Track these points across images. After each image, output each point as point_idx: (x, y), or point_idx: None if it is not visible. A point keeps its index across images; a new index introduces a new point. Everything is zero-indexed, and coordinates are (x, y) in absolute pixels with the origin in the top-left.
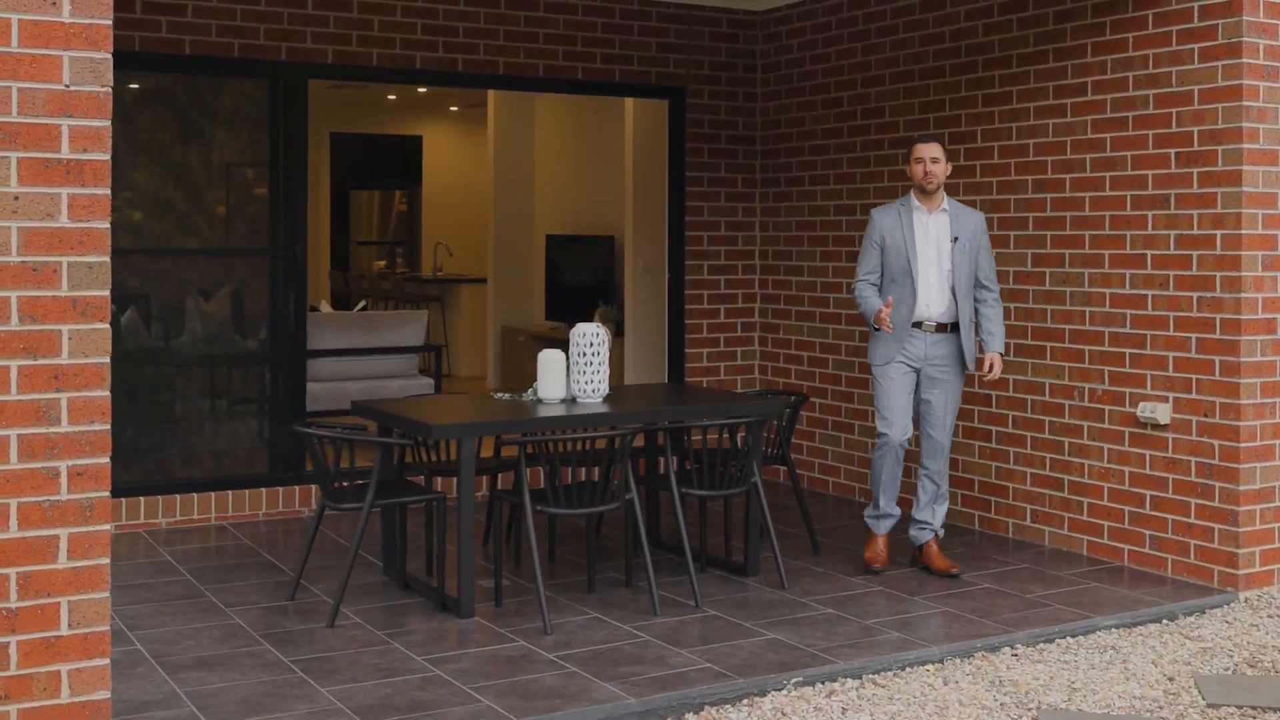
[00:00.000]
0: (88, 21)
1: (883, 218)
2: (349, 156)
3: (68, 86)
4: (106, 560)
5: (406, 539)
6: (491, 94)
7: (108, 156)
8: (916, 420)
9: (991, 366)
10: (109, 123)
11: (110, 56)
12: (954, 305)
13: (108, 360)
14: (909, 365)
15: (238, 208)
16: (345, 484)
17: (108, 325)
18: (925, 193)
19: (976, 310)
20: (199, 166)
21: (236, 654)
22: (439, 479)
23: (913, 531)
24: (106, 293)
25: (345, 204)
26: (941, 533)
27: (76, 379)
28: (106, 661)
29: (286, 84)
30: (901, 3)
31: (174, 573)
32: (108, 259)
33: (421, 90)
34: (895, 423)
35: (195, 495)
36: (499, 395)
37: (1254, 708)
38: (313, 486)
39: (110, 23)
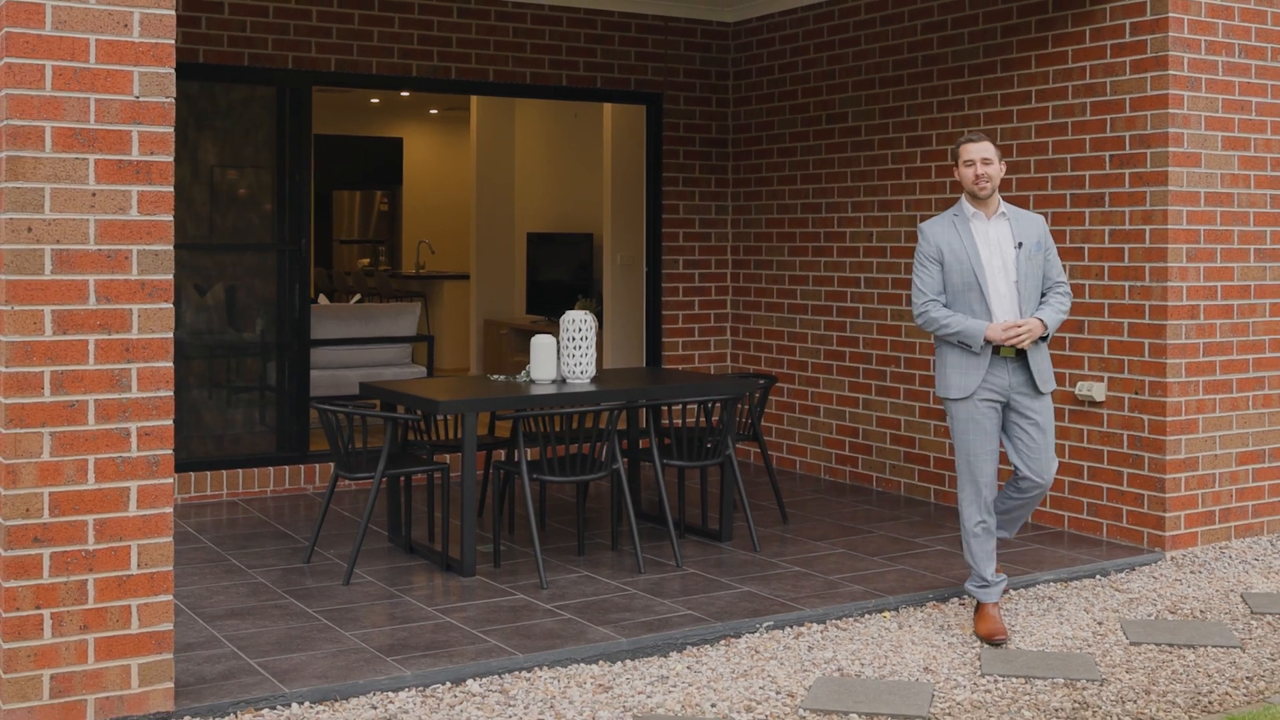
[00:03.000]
0: (154, 41)
1: (936, 230)
2: (332, 158)
3: (137, 98)
4: (170, 509)
5: (411, 509)
6: (475, 98)
7: (171, 158)
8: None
9: (1023, 326)
10: (172, 129)
11: (173, 71)
12: (1024, 316)
13: (171, 335)
14: (995, 400)
15: (246, 205)
16: (357, 455)
17: (171, 305)
18: (979, 198)
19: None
20: (210, 167)
21: (264, 606)
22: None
23: (973, 588)
24: (170, 277)
25: (328, 204)
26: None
27: (144, 351)
28: (170, 598)
29: (292, 90)
30: (863, 16)
31: (195, 541)
32: (171, 247)
33: (404, 94)
34: (989, 496)
35: (209, 473)
36: (495, 378)
37: (1170, 645)
38: (316, 465)
39: (173, 42)
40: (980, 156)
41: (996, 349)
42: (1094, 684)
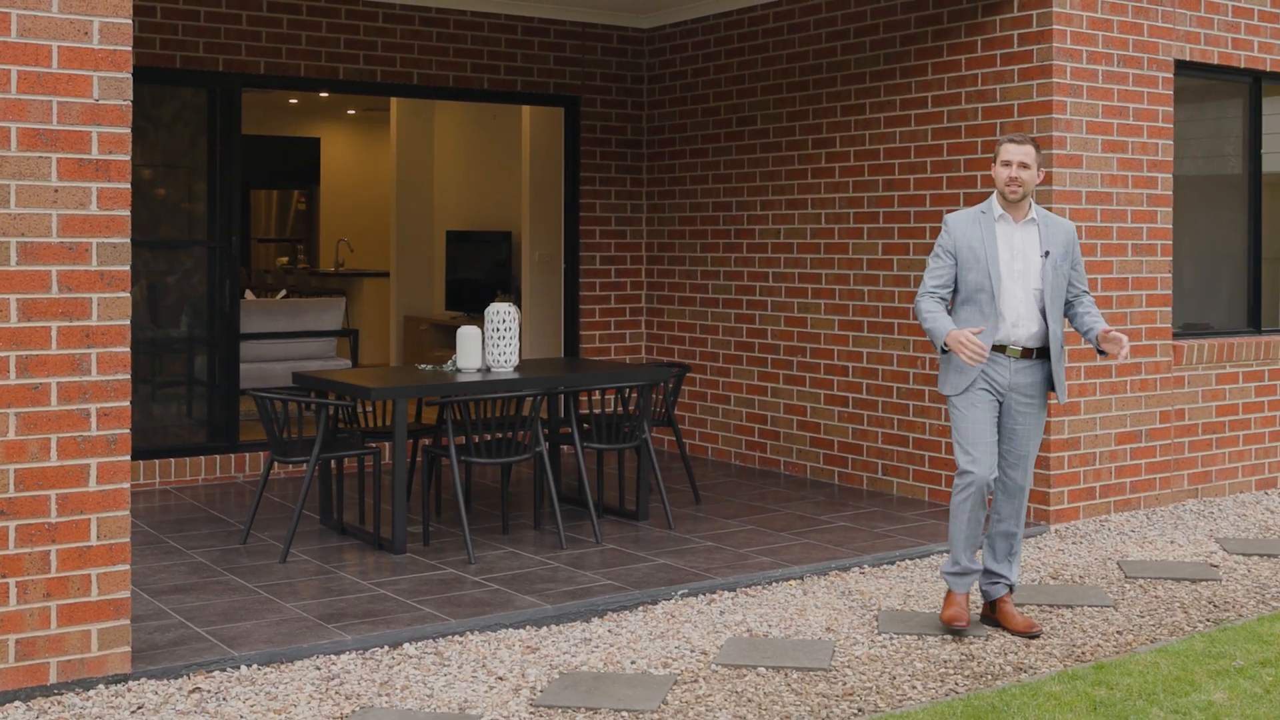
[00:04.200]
0: (113, 48)
1: (960, 225)
2: (249, 157)
3: (97, 100)
4: (127, 485)
5: (342, 494)
6: (394, 100)
7: (128, 157)
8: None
9: (1119, 343)
10: (129, 130)
11: (130, 76)
12: (1044, 328)
13: (128, 323)
14: (992, 392)
15: (177, 203)
16: (292, 442)
17: (128, 295)
18: (1009, 200)
19: (1070, 315)
20: (143, 166)
21: (206, 582)
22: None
23: (984, 585)
24: (128, 268)
25: (246, 203)
26: (1016, 585)
27: (104, 337)
28: (127, 567)
29: (223, 93)
30: (771, 24)
31: (132, 525)
32: (128, 240)
33: (323, 95)
34: (981, 458)
35: (141, 463)
36: (422, 367)
37: (1051, 605)
38: (246, 455)
39: (130, 49)
40: (1019, 159)
41: (1003, 349)
42: (980, 639)
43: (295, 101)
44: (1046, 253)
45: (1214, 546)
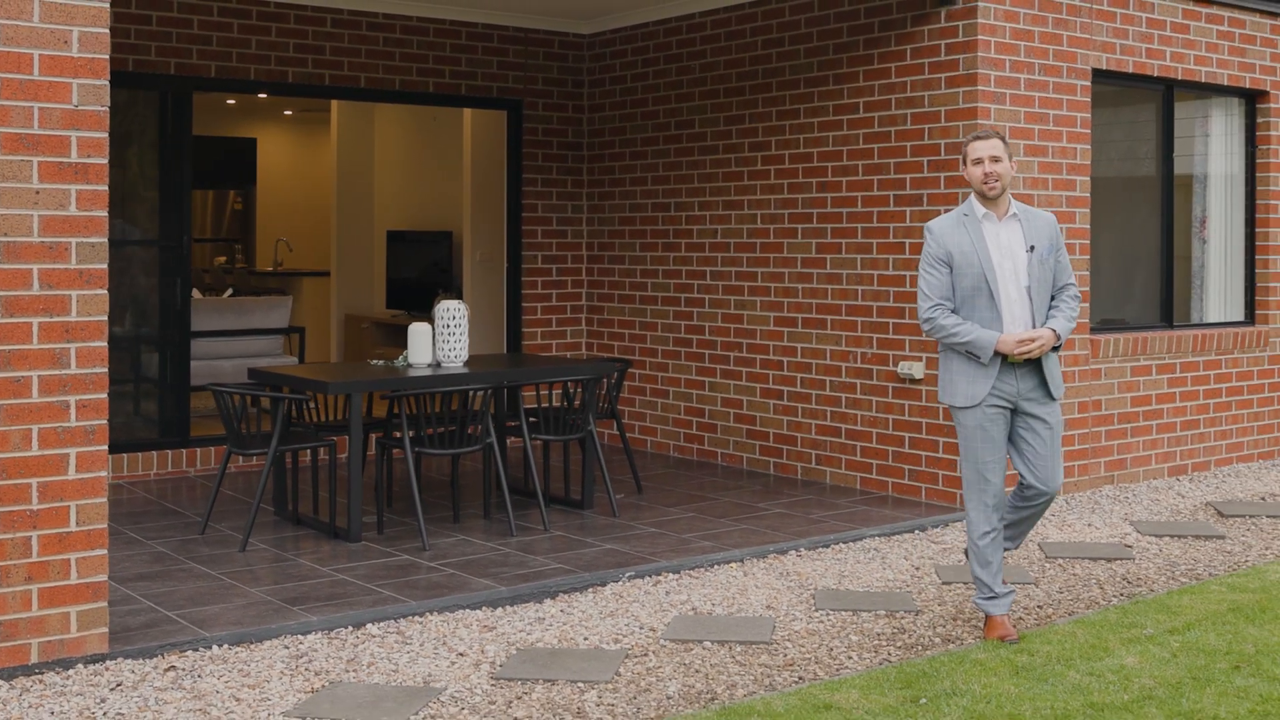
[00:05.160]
0: (91, 56)
1: (946, 231)
2: None
3: (76, 106)
4: (104, 473)
5: (297, 487)
6: (335, 101)
7: (106, 160)
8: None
9: (1036, 339)
10: (107, 134)
11: (108, 83)
12: (1035, 323)
13: (105, 318)
14: (1003, 406)
15: (129, 203)
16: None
17: (106, 292)
18: (988, 198)
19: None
20: None
21: (170, 570)
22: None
23: (980, 600)
24: (105, 266)
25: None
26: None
27: (83, 332)
28: (105, 552)
29: (174, 96)
30: (709, 31)
31: None
32: (105, 240)
33: (261, 96)
34: (995, 494)
35: None
36: (375, 363)
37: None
38: (198, 449)
39: (108, 58)
40: (989, 154)
41: (1005, 356)
42: (910, 614)
43: (233, 102)
44: (1031, 247)
45: (1128, 529)
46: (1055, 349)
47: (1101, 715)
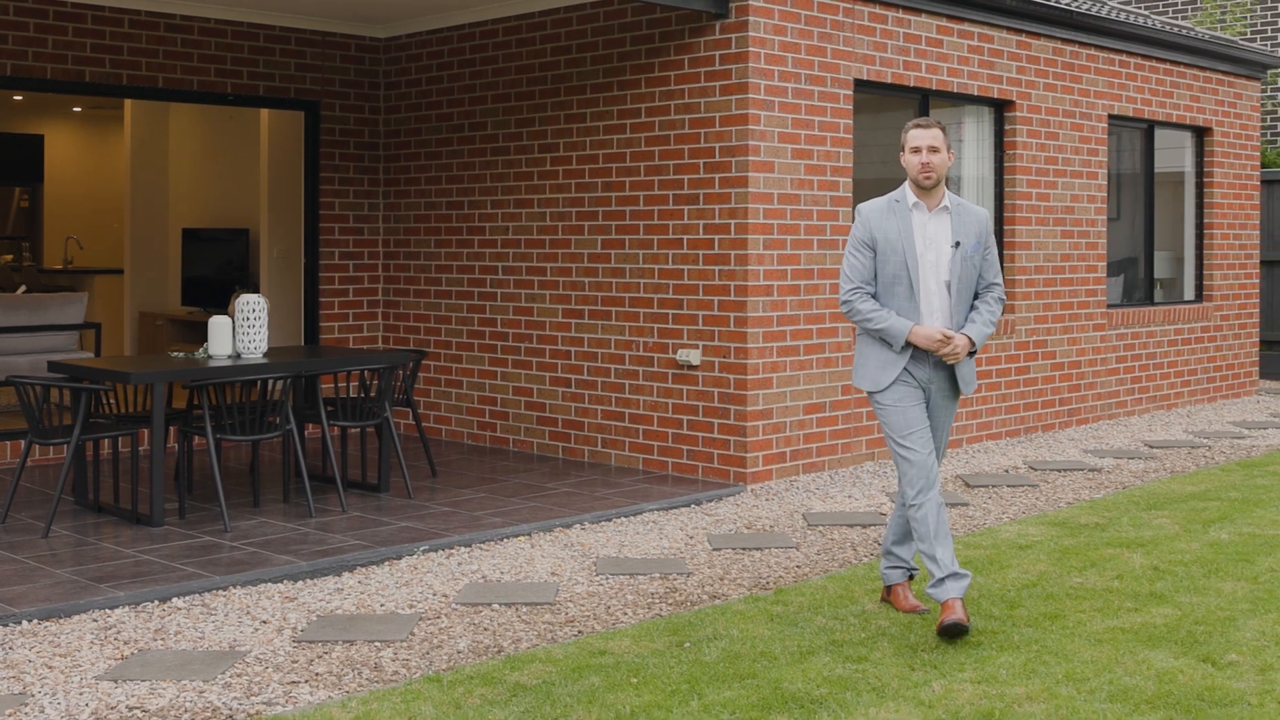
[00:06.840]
0: None
1: (875, 215)
2: None
3: None
4: None
5: (99, 476)
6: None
7: None
8: None
9: (952, 341)
10: None
11: None
12: (953, 320)
13: None
14: (914, 386)
15: None
16: (51, 427)
17: None
18: (923, 188)
19: (972, 310)
20: None
21: None
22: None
23: (885, 569)
24: None
25: None
26: (916, 573)
27: None
28: None
29: None
30: (501, 38)
31: None
32: None
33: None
34: (920, 447)
35: None
36: (175, 354)
37: (743, 549)
38: None
39: None
40: (928, 144)
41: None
42: (682, 576)
43: (20, 99)
44: (957, 243)
45: (884, 499)
46: (972, 354)
47: (840, 650)
